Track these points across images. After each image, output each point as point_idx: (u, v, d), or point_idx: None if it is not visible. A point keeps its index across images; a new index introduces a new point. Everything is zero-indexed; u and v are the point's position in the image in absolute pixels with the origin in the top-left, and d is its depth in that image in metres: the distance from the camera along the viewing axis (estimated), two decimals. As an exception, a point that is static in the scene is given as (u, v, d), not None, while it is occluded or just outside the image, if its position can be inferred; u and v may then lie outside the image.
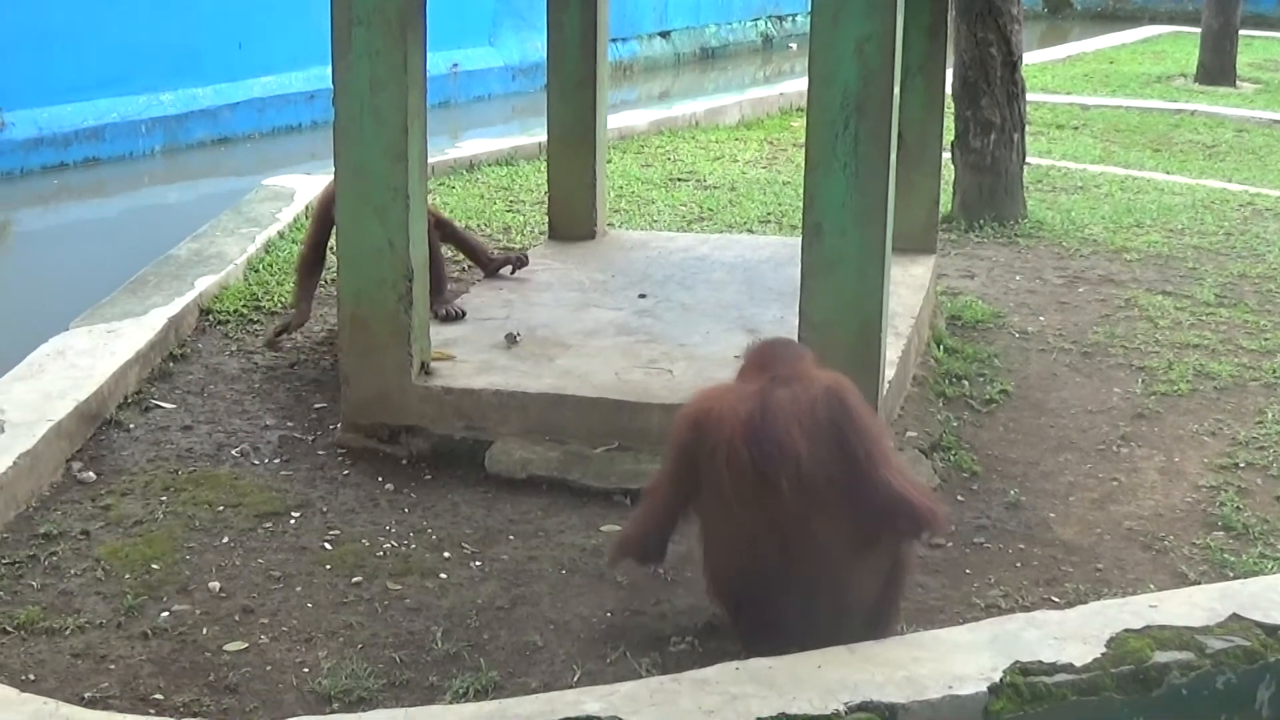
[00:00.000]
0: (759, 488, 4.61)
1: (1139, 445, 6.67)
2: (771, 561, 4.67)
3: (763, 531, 4.66)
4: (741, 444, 4.64)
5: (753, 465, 4.61)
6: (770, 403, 4.68)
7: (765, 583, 4.72)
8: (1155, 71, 19.98)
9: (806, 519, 4.60)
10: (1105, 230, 10.53)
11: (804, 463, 4.59)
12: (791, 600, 4.68)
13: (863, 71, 5.68)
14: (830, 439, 4.63)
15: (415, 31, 6.13)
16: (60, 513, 5.81)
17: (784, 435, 4.61)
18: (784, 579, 4.67)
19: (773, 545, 4.65)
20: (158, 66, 15.81)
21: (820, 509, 4.60)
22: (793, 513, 4.60)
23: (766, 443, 4.61)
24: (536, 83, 19.43)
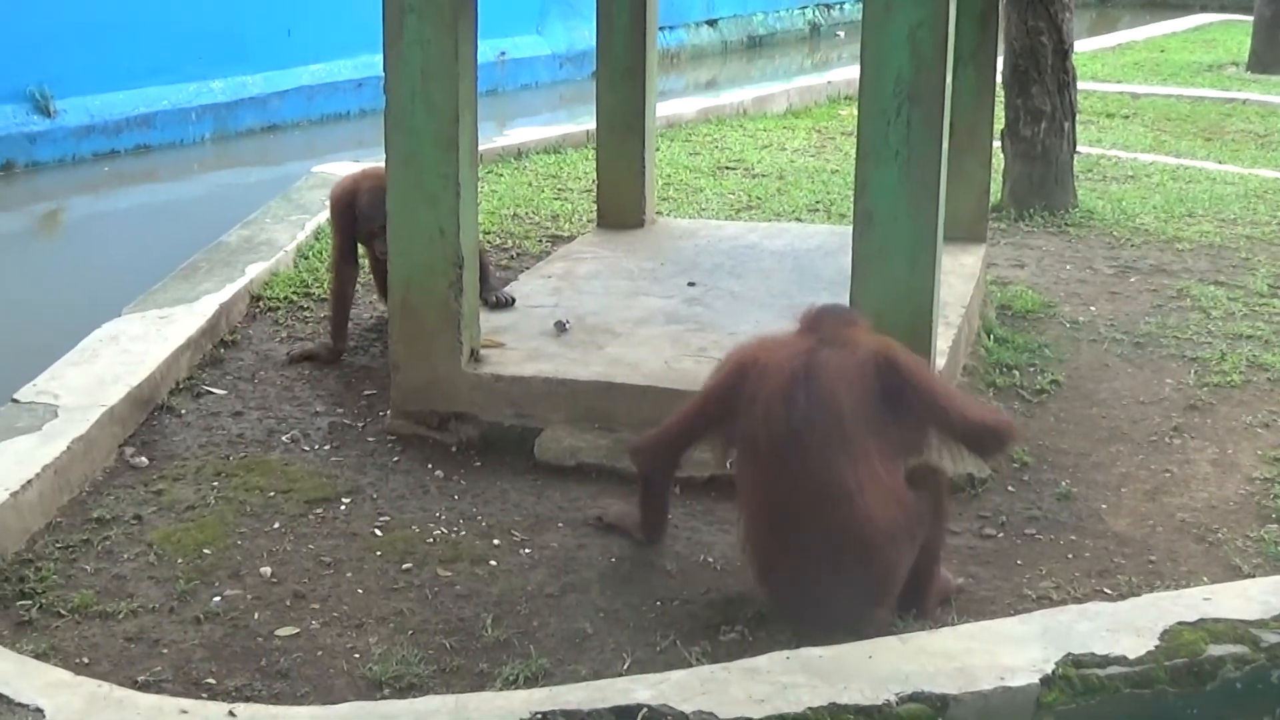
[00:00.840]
0: (794, 444, 4.72)
1: (1191, 437, 6.63)
2: (802, 521, 4.74)
3: (795, 490, 4.73)
4: (781, 399, 4.77)
5: (789, 422, 4.73)
6: (816, 362, 4.80)
7: (795, 542, 4.78)
8: (1206, 60, 19.83)
9: (843, 480, 4.66)
10: (1156, 220, 10.47)
11: (846, 423, 4.69)
12: (819, 561, 4.73)
13: (915, 59, 5.66)
14: (883, 401, 4.76)
15: (466, 20, 6.13)
16: (113, 497, 5.85)
17: (827, 395, 4.73)
18: (813, 539, 4.73)
19: (805, 505, 4.72)
20: (208, 54, 15.87)
21: (858, 469, 4.67)
22: (827, 472, 4.67)
23: (807, 400, 4.73)
24: (584, 71, 19.47)
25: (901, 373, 4.84)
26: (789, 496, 4.76)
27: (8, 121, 14.06)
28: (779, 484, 4.79)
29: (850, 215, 5.92)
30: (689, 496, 5.85)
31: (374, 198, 7.03)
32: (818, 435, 4.70)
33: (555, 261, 8.21)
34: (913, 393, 4.83)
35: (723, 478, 5.78)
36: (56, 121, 14.41)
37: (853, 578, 4.74)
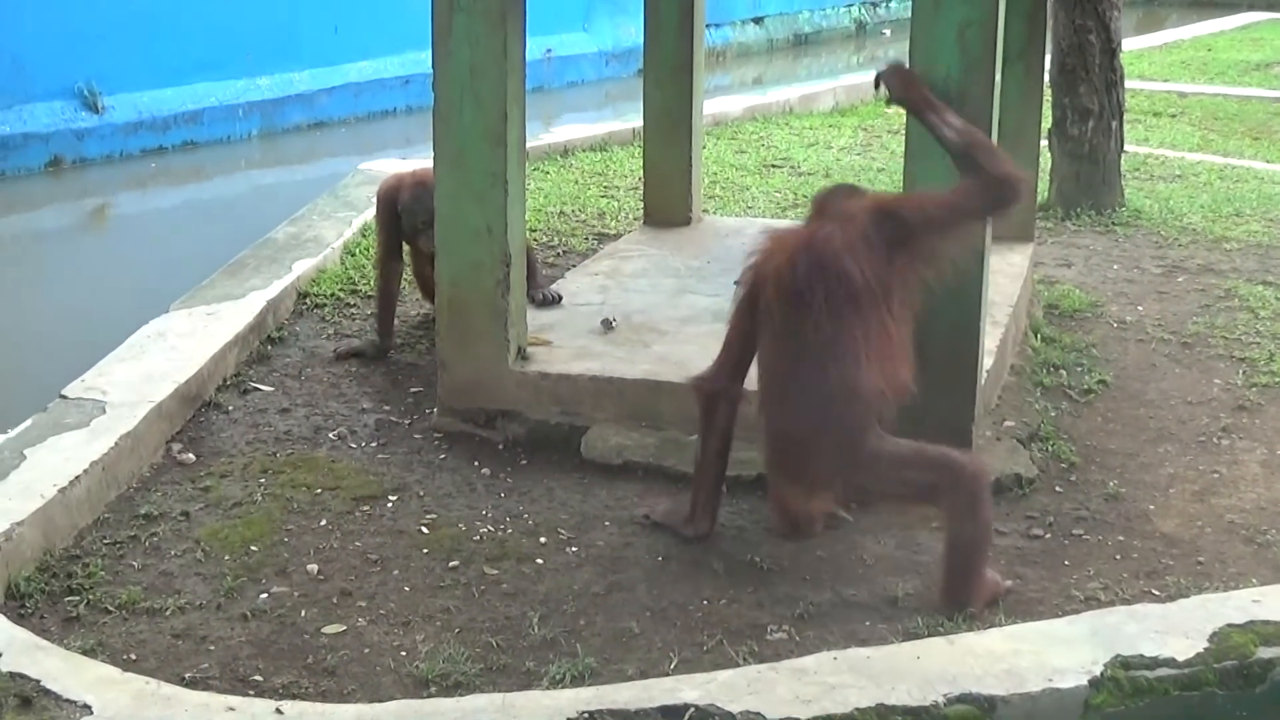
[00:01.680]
0: (799, 307, 5.03)
1: (1240, 437, 6.59)
2: (805, 374, 5.06)
3: (801, 349, 5.05)
4: (788, 269, 5.10)
5: (793, 287, 5.06)
6: (817, 235, 5.15)
7: (795, 394, 5.10)
8: (1254, 59, 19.70)
9: (853, 342, 4.99)
10: (1204, 219, 10.40)
11: (847, 283, 5.00)
12: (813, 409, 5.05)
13: (964, 58, 5.64)
14: (887, 250, 5.10)
15: (515, 17, 6.14)
16: (160, 494, 5.87)
17: (827, 259, 5.04)
18: (812, 390, 5.04)
19: (809, 359, 5.03)
20: (255, 51, 15.92)
21: (864, 326, 5.01)
22: (831, 328, 4.99)
23: (808, 268, 5.05)
24: (630, 68, 19.47)
25: (892, 208, 5.22)
26: (796, 355, 5.07)
27: (56, 118, 14.13)
28: (787, 346, 5.11)
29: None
30: (736, 495, 5.84)
31: (416, 193, 7.17)
32: (819, 296, 5.00)
33: (602, 259, 8.21)
34: (907, 213, 5.19)
35: (769, 477, 5.79)
36: (104, 118, 14.48)
37: (841, 424, 5.02)
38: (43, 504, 5.33)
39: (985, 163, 5.19)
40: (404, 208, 7.32)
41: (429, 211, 6.75)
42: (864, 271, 5.03)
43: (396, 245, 7.53)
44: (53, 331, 9.18)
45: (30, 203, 13.38)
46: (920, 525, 5.61)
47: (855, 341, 5.01)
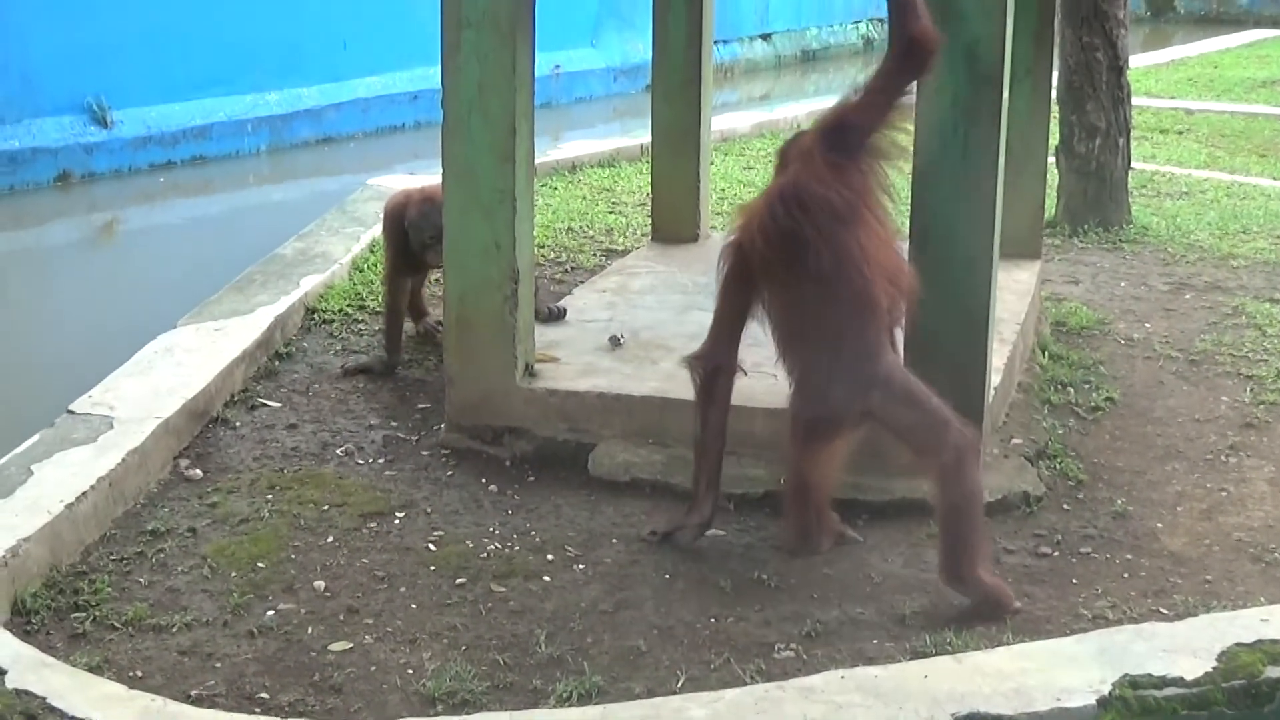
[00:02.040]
0: (793, 242, 5.21)
1: (1248, 455, 6.58)
2: (826, 311, 5.24)
3: (814, 289, 5.22)
4: (770, 220, 5.27)
5: (780, 230, 5.23)
6: (788, 181, 5.35)
7: (824, 332, 5.27)
8: (1260, 76, 19.73)
9: (854, 259, 5.19)
10: (1211, 237, 10.41)
11: (835, 204, 5.21)
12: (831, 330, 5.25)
13: (973, 77, 5.65)
14: (847, 153, 5.30)
15: (524, 34, 6.15)
16: (167, 510, 5.87)
17: (805, 193, 5.24)
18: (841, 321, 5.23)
19: (825, 296, 5.21)
20: (264, 66, 15.94)
21: (865, 242, 5.24)
22: (835, 258, 5.17)
23: (786, 208, 5.24)
24: (637, 84, 19.48)
25: (834, 122, 5.34)
26: (805, 293, 5.25)
27: (65, 132, 14.14)
28: (795, 290, 5.29)
29: (904, 231, 5.90)
30: (743, 513, 5.85)
31: (424, 209, 7.23)
32: (808, 230, 5.19)
33: (609, 276, 8.22)
34: (850, 117, 5.32)
35: (776, 494, 5.79)
36: (113, 132, 14.49)
37: (859, 337, 5.23)
38: (49, 520, 5.33)
39: (900, 22, 5.28)
40: (411, 223, 7.34)
41: (436, 227, 6.82)
42: (839, 190, 5.23)
43: (404, 262, 7.53)
44: (61, 346, 9.18)
45: (39, 217, 13.39)
46: (928, 543, 5.60)
47: (856, 257, 5.20)
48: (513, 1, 6.05)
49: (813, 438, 5.38)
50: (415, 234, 7.32)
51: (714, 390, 5.60)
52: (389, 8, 17.15)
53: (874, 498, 5.87)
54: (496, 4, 6.04)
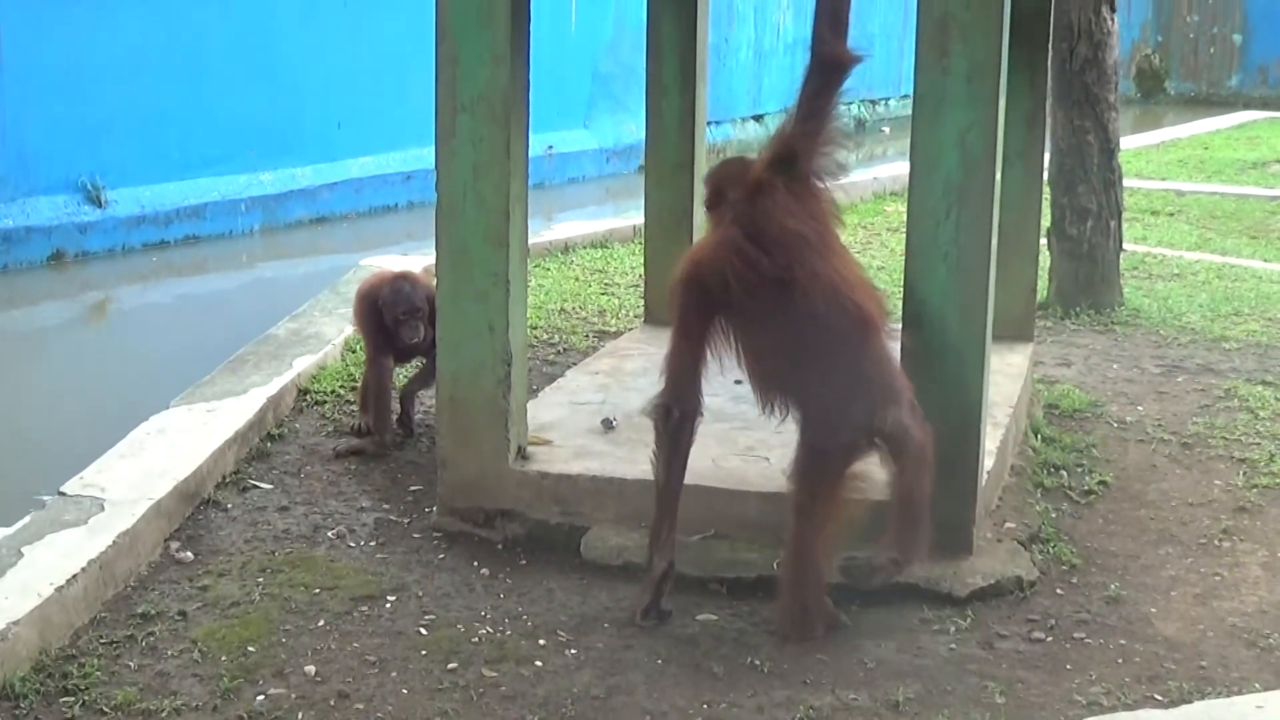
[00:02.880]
0: (775, 288, 5.32)
1: (1241, 539, 6.58)
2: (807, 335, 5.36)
3: (790, 319, 5.34)
4: (741, 260, 5.34)
5: (757, 270, 5.33)
6: (747, 214, 5.41)
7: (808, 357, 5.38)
8: (1250, 157, 19.82)
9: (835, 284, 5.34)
10: (1203, 319, 10.43)
11: (806, 236, 5.36)
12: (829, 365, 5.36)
13: (965, 161, 5.68)
14: (800, 179, 5.48)
15: (518, 118, 6.18)
16: (158, 593, 5.85)
17: (781, 231, 5.35)
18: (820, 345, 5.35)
19: (801, 328, 5.34)
20: (258, 146, 16.00)
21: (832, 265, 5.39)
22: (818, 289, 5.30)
23: (767, 245, 5.34)
24: (630, 164, 19.57)
25: (782, 151, 5.49)
26: (795, 321, 5.35)
27: (59, 211, 14.17)
28: (780, 318, 5.37)
29: (896, 313, 5.92)
30: (736, 597, 5.83)
31: (397, 286, 7.50)
32: (793, 266, 5.31)
33: (602, 358, 8.22)
34: (795, 144, 5.48)
35: (769, 578, 5.78)
36: (107, 212, 14.52)
37: (860, 370, 5.36)
38: (39, 603, 5.31)
39: (823, 42, 5.53)
40: (383, 300, 7.46)
41: (408, 302, 7.30)
42: (808, 221, 5.39)
43: (384, 342, 7.57)
44: (53, 426, 9.17)
45: (31, 296, 13.40)
46: (921, 628, 5.59)
47: (840, 283, 5.37)
48: (507, 86, 6.08)
49: (828, 469, 5.46)
50: (388, 310, 7.44)
51: (680, 438, 5.63)
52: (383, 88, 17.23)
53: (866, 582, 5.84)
54: (491, 88, 6.08)
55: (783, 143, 5.55)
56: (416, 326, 7.41)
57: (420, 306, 7.39)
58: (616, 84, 20.81)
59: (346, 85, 17.13)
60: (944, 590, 5.81)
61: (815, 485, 5.46)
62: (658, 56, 8.52)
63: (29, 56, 14.10)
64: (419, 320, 7.40)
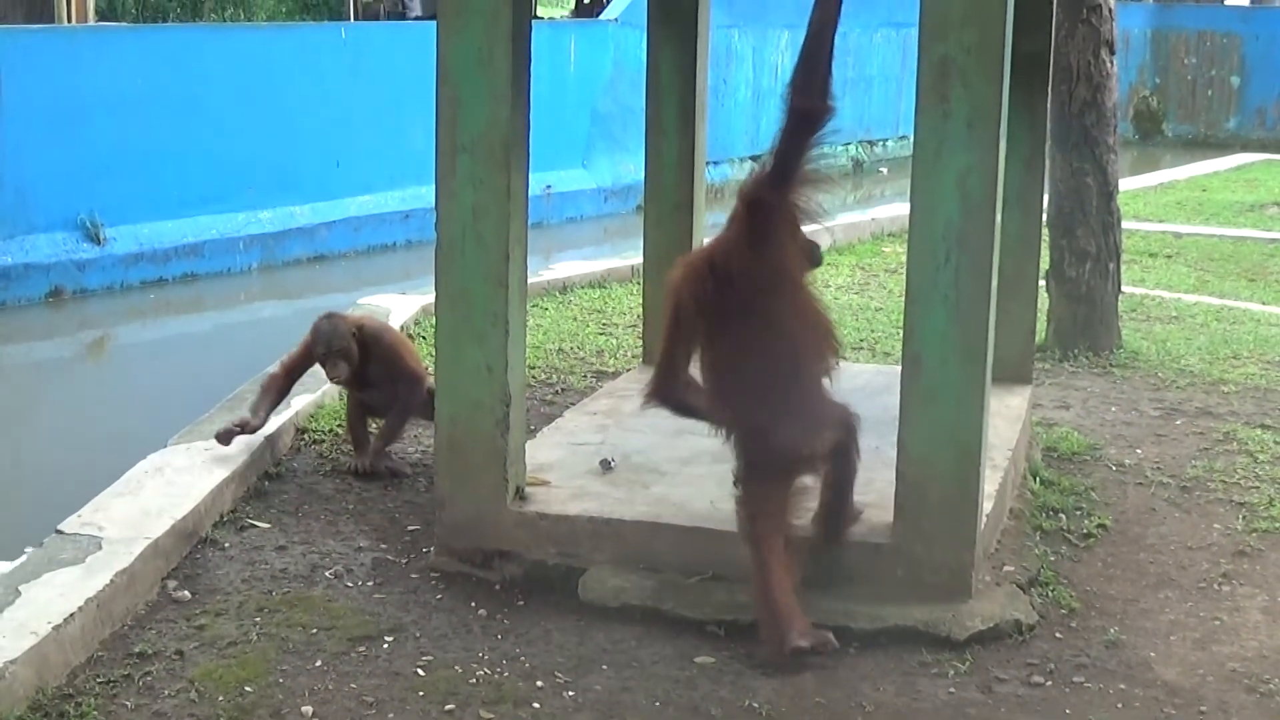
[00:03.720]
0: (724, 314, 5.73)
1: (1241, 583, 6.57)
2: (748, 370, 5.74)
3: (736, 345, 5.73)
4: (699, 286, 5.76)
5: (709, 298, 5.73)
6: (718, 250, 5.85)
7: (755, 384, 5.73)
8: (1249, 200, 19.84)
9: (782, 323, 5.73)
10: (1201, 361, 10.43)
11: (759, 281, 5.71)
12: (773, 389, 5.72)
13: (965, 204, 5.69)
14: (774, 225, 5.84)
15: (518, 159, 6.19)
16: (155, 632, 5.83)
17: (733, 269, 5.72)
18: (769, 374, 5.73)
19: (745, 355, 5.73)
20: (257, 184, 16.04)
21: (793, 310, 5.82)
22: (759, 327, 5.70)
23: (720, 279, 5.73)
24: (628, 204, 19.60)
25: (752, 197, 5.80)
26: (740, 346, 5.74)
27: (57, 249, 14.21)
28: (728, 341, 5.75)
29: (894, 354, 5.94)
30: (733, 639, 5.81)
31: (318, 323, 7.79)
32: (734, 300, 5.70)
33: (600, 398, 8.21)
34: (766, 192, 5.78)
35: (768, 621, 5.77)
36: (106, 249, 14.56)
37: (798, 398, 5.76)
38: (36, 642, 5.29)
39: (800, 93, 5.70)
40: (314, 329, 7.76)
41: (327, 342, 7.63)
42: (763, 263, 5.73)
43: (298, 370, 7.93)
44: (50, 464, 9.17)
45: (29, 334, 13.41)
46: (919, 671, 5.58)
47: (784, 321, 5.75)
48: (508, 127, 6.09)
49: (764, 481, 5.76)
50: (313, 346, 7.70)
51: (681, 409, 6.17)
52: (381, 127, 17.28)
53: (865, 625, 5.84)
54: (492, 129, 6.09)
55: (755, 188, 5.81)
56: (337, 364, 7.64)
57: (341, 346, 7.63)
58: (615, 123, 20.86)
59: (345, 124, 17.19)
60: (942, 633, 5.79)
61: (756, 503, 5.74)
62: (657, 98, 8.53)
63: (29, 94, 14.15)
64: (340, 358, 7.63)
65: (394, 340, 8.07)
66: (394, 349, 7.94)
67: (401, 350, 8.00)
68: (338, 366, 7.64)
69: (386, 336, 8.02)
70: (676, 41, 8.46)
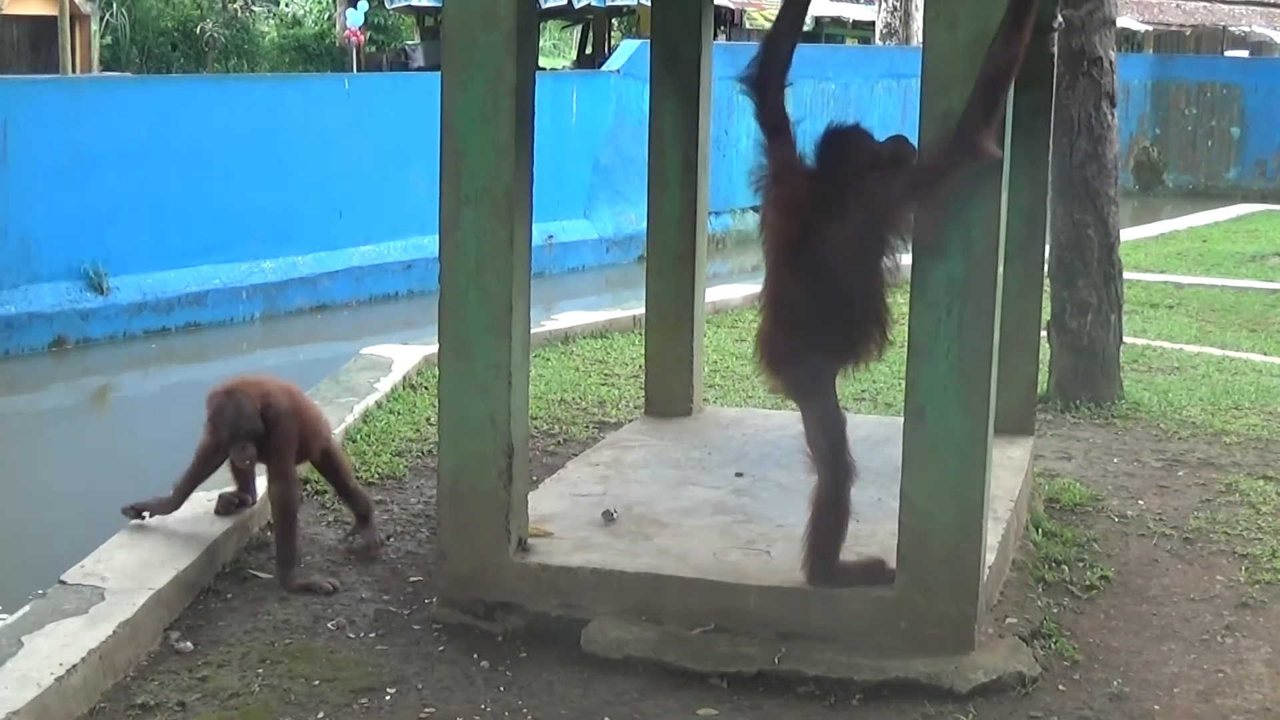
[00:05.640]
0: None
1: (1244, 636, 6.56)
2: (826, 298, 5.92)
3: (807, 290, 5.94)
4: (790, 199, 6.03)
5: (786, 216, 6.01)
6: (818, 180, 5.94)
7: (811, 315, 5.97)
8: (1249, 250, 19.90)
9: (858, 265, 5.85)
10: (1203, 412, 10.43)
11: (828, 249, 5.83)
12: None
13: (967, 257, 5.71)
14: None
15: (521, 211, 6.21)
16: (157, 683, 5.82)
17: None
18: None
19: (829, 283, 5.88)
20: (260, 234, 16.10)
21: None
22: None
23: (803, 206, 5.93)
24: (630, 254, 19.67)
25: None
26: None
27: (61, 298, 14.26)
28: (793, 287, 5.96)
29: (896, 405, 5.95)
30: (736, 692, 5.80)
31: (220, 402, 6.94)
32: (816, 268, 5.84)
33: (603, 449, 8.21)
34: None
35: (770, 673, 5.77)
36: (109, 299, 14.62)
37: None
38: (39, 693, 5.29)
39: (968, 119, 5.56)
40: (215, 409, 6.92)
41: (232, 425, 6.78)
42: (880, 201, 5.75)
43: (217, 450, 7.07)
44: (53, 514, 9.17)
45: (33, 383, 13.44)
46: (923, 724, 5.58)
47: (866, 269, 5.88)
48: (511, 179, 6.12)
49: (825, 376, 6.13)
50: (215, 430, 6.93)
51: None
52: (384, 177, 17.35)
53: (868, 677, 5.83)
54: (495, 182, 6.11)
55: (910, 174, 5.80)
56: (245, 449, 6.85)
57: (250, 428, 6.85)
58: (617, 174, 20.94)
59: (347, 174, 17.27)
60: (946, 686, 5.78)
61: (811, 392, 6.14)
62: (659, 150, 8.56)
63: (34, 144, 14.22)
64: (247, 441, 6.84)
65: (298, 419, 7.13)
66: (291, 436, 7.03)
67: (305, 429, 7.16)
68: (245, 451, 6.84)
69: (287, 422, 7.00)
70: (679, 93, 8.49)
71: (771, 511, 7.01)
